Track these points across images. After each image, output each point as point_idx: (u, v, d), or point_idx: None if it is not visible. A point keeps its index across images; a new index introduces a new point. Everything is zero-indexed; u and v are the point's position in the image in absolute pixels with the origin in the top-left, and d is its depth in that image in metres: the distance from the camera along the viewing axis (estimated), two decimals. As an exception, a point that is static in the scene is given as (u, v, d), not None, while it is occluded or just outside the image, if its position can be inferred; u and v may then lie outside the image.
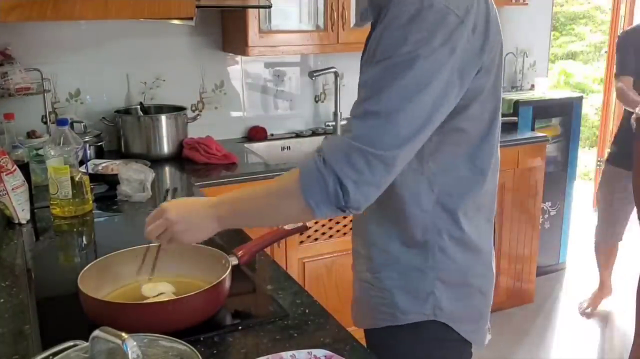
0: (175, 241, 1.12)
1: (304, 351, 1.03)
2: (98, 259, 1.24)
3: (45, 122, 2.50)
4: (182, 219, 1.09)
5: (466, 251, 1.16)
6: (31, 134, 2.37)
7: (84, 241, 1.74)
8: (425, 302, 1.16)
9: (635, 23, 3.92)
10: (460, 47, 0.96)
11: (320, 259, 2.52)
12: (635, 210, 2.66)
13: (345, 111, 2.97)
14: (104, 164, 2.20)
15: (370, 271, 1.23)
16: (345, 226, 2.54)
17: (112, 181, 2.01)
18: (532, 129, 3.30)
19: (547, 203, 3.49)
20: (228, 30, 2.72)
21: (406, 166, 1.02)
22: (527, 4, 3.28)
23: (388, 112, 0.96)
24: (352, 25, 2.71)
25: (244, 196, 1.12)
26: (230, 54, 2.80)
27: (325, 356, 1.02)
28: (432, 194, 1.12)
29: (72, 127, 2.20)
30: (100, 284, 1.20)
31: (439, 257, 1.15)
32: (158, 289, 1.21)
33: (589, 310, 3.26)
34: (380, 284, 1.21)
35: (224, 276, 1.16)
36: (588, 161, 5.63)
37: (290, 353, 1.03)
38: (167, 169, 2.45)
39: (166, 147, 2.52)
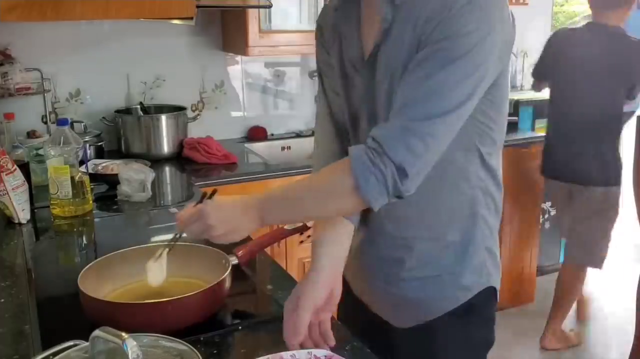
0: (214, 241, 1.08)
1: (304, 351, 1.03)
2: (98, 259, 1.24)
3: (46, 122, 2.50)
4: (222, 224, 1.03)
5: (497, 213, 1.22)
6: (31, 134, 2.37)
7: (84, 241, 1.74)
8: (482, 273, 1.20)
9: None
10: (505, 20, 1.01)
11: (320, 259, 2.51)
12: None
13: (346, 110, 2.97)
14: (104, 164, 2.20)
15: (422, 266, 1.20)
16: (345, 226, 2.54)
17: (112, 181, 2.01)
18: (532, 129, 3.30)
19: (547, 203, 3.49)
20: (228, 30, 2.72)
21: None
22: (527, 4, 3.28)
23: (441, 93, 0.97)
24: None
25: (289, 194, 1.07)
26: (231, 54, 2.80)
27: (325, 356, 1.02)
28: (478, 160, 1.14)
29: (72, 127, 2.20)
30: (101, 284, 1.20)
31: (482, 226, 1.19)
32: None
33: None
34: (440, 271, 1.19)
35: (224, 276, 1.16)
36: (588, 161, 5.62)
37: (290, 352, 1.02)
38: (167, 169, 2.45)
39: (166, 147, 2.52)
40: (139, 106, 2.61)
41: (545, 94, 3.41)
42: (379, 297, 1.28)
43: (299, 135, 3.00)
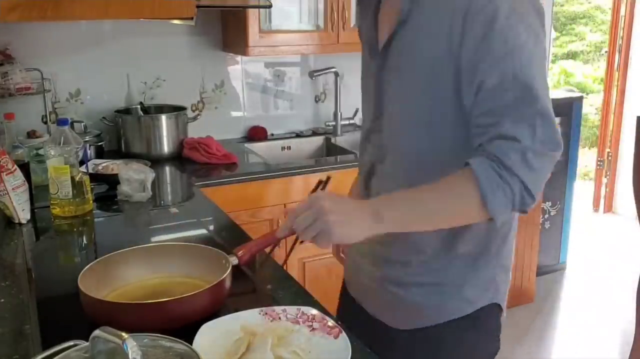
0: (324, 235, 0.99)
1: (294, 307, 1.13)
2: (98, 259, 1.24)
3: (46, 122, 2.50)
4: (337, 208, 0.99)
5: (513, 229, 1.21)
6: (31, 134, 2.37)
7: (84, 241, 1.74)
8: (489, 288, 1.19)
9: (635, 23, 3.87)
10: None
11: (320, 259, 2.52)
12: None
13: (345, 111, 2.98)
14: (104, 164, 2.20)
15: (427, 273, 1.18)
16: (345, 226, 2.54)
17: (112, 180, 2.01)
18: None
19: (547, 203, 3.49)
20: (228, 30, 2.72)
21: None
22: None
23: (545, 109, 0.99)
24: (352, 25, 2.71)
25: (407, 197, 1.04)
26: (231, 54, 2.80)
27: (312, 313, 1.11)
28: None
29: (72, 127, 2.20)
30: (101, 284, 1.20)
31: (498, 240, 1.17)
32: None
33: None
34: (444, 281, 1.18)
35: (224, 276, 1.16)
36: (588, 161, 5.63)
37: (281, 307, 1.13)
38: (167, 169, 2.45)
39: (166, 147, 2.52)
40: (139, 106, 2.61)
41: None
42: (376, 296, 1.27)
43: (299, 135, 3.00)
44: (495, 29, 0.98)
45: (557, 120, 3.43)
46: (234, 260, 1.26)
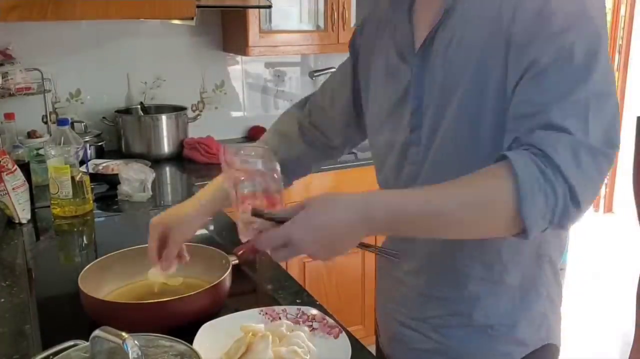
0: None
1: (294, 307, 1.12)
2: (99, 259, 1.24)
3: (46, 122, 2.50)
4: (314, 242, 0.81)
5: (562, 253, 1.04)
6: (32, 134, 2.37)
7: (85, 241, 1.74)
8: (541, 326, 1.04)
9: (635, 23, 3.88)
10: None
11: (321, 259, 2.52)
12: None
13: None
14: (104, 164, 2.20)
15: (470, 311, 1.01)
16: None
17: (112, 180, 2.01)
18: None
19: (547, 203, 3.49)
20: (228, 30, 2.72)
21: None
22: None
23: (606, 96, 0.81)
24: (352, 25, 2.71)
25: (411, 204, 0.82)
26: (231, 54, 2.80)
27: (313, 313, 1.10)
28: None
29: (72, 127, 2.20)
30: (101, 283, 1.20)
31: (547, 270, 1.01)
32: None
33: None
34: (497, 321, 1.01)
35: (224, 275, 1.16)
36: (588, 161, 5.63)
37: (282, 307, 1.13)
38: (167, 169, 2.45)
39: (166, 147, 2.52)
40: (139, 106, 2.61)
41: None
42: (413, 342, 1.09)
43: (299, 135, 3.00)
44: (553, 0, 0.82)
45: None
46: (234, 260, 1.26)
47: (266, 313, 1.11)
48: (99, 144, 2.49)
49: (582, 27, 0.81)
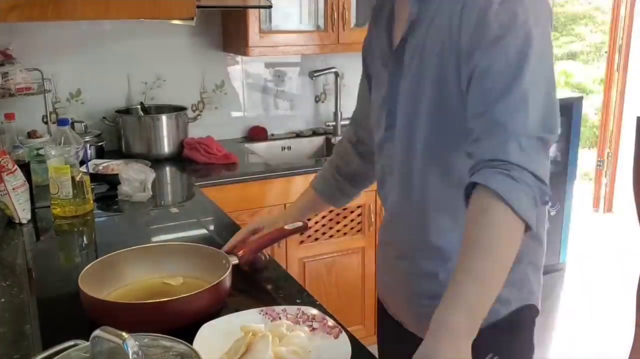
0: None
1: (294, 307, 1.13)
2: (99, 259, 1.24)
3: (46, 122, 2.50)
4: None
5: (541, 223, 1.13)
6: (32, 134, 2.37)
7: (85, 241, 1.74)
8: (522, 288, 1.14)
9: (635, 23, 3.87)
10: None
11: (321, 259, 2.52)
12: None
13: (346, 111, 2.97)
14: (104, 164, 2.20)
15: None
16: (345, 225, 2.54)
17: (112, 180, 2.01)
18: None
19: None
20: (228, 30, 2.72)
21: None
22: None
23: (537, 89, 0.94)
24: (352, 25, 2.71)
25: (465, 295, 0.87)
26: (231, 54, 2.80)
27: (313, 314, 1.10)
28: None
29: (72, 127, 2.20)
30: (101, 283, 1.20)
31: (531, 241, 1.11)
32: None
33: None
34: None
35: (224, 275, 1.16)
36: (588, 161, 5.63)
37: (281, 307, 1.14)
38: (167, 169, 2.45)
39: (167, 147, 2.52)
40: (139, 106, 2.61)
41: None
42: (414, 314, 1.21)
43: (299, 135, 3.00)
44: (489, 12, 0.95)
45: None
46: (234, 260, 1.26)
47: (266, 313, 1.12)
48: (99, 144, 2.49)
49: (512, 33, 0.94)
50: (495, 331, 1.10)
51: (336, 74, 2.96)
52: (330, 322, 1.08)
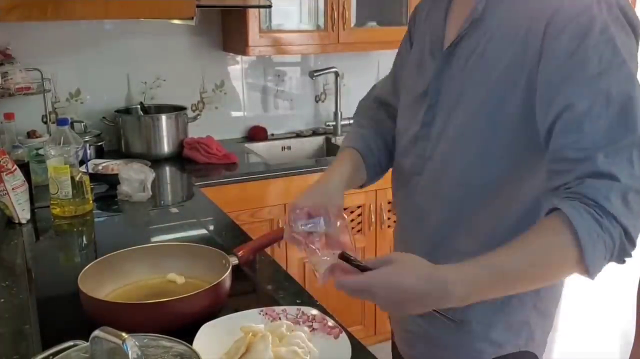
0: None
1: (294, 307, 1.13)
2: (98, 259, 1.24)
3: (46, 122, 2.50)
4: (393, 301, 0.86)
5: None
6: (31, 134, 2.37)
7: (84, 241, 1.74)
8: (520, 333, 1.07)
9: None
10: None
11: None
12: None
13: (346, 111, 2.97)
14: (104, 164, 2.20)
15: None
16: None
17: (112, 180, 2.01)
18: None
19: (547, 203, 3.49)
20: (228, 30, 2.72)
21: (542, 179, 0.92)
22: (527, 3, 3.27)
23: None
24: (352, 25, 2.71)
25: (484, 276, 0.84)
26: (231, 53, 2.80)
27: (313, 314, 1.11)
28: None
29: (72, 127, 2.20)
30: (101, 284, 1.20)
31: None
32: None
33: None
34: (474, 319, 1.05)
35: (224, 276, 1.16)
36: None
37: (281, 307, 1.13)
38: (167, 169, 2.45)
39: (166, 147, 2.52)
40: (139, 106, 2.61)
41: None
42: (406, 324, 1.18)
43: (299, 135, 3.00)
44: (588, 43, 0.85)
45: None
46: (234, 260, 1.26)
47: (266, 313, 1.11)
48: (99, 144, 2.49)
49: (615, 71, 0.85)
50: None
51: (336, 74, 2.96)
52: (331, 322, 1.08)
